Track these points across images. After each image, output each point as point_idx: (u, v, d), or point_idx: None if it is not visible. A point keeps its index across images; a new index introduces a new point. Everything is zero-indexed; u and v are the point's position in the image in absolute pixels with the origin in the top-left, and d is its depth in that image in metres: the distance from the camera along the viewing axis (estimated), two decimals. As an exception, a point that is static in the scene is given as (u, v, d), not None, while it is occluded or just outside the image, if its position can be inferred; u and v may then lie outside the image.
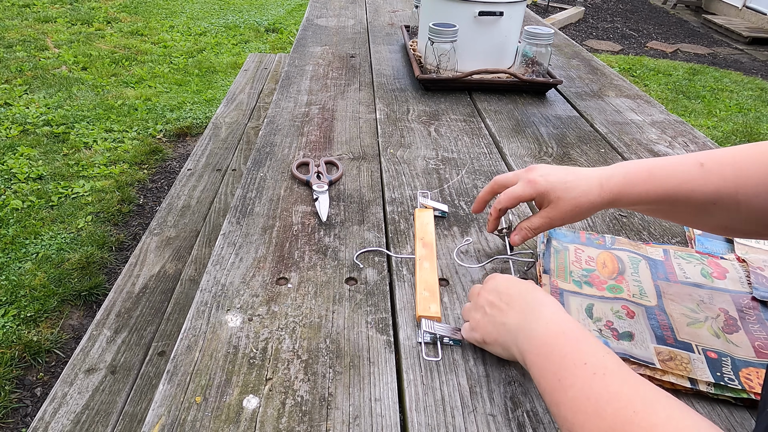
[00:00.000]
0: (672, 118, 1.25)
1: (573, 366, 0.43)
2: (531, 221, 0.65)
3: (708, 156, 0.59)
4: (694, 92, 4.40)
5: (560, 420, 0.42)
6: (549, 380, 0.44)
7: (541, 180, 0.63)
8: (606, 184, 0.61)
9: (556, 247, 0.74)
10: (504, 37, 1.33)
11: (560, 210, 0.62)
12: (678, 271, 0.71)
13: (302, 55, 1.51)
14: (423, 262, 0.71)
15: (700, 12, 7.51)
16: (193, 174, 1.98)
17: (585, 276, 0.70)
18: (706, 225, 0.61)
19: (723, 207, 0.57)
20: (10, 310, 1.78)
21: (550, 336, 0.47)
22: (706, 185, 0.57)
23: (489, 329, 0.55)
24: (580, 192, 0.61)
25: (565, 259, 0.72)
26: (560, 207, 0.62)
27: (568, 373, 0.43)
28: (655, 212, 0.63)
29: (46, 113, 3.14)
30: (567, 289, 0.67)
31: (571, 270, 0.71)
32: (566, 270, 0.71)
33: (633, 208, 0.62)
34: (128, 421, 1.08)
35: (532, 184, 0.63)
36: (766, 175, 0.54)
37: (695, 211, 0.58)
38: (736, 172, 0.56)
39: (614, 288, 0.67)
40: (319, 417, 0.51)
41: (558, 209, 0.62)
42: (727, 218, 0.58)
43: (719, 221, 0.59)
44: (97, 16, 5.16)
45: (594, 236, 0.78)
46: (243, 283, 0.67)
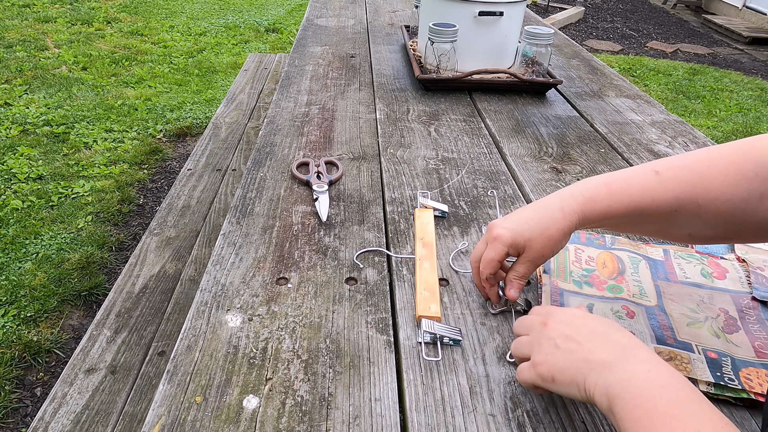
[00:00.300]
0: (672, 118, 1.25)
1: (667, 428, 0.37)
2: (516, 270, 0.62)
3: (662, 164, 0.59)
4: (694, 92, 4.40)
5: None
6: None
7: (504, 233, 0.60)
8: (567, 207, 0.59)
9: None
10: (504, 37, 1.33)
11: (536, 249, 0.60)
12: (678, 271, 0.71)
13: (302, 55, 1.51)
14: (423, 262, 0.71)
15: (700, 12, 7.51)
16: (193, 174, 1.98)
17: (585, 276, 0.70)
18: (673, 234, 0.61)
19: (685, 213, 0.57)
20: (10, 310, 1.78)
21: (653, 387, 0.40)
22: (666, 192, 0.57)
23: (564, 365, 0.47)
24: (546, 224, 0.59)
25: (565, 259, 0.73)
26: (534, 247, 0.60)
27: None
28: (623, 227, 0.62)
29: (46, 113, 3.14)
30: (567, 289, 0.67)
31: (571, 270, 0.71)
32: (566, 270, 0.71)
33: (601, 224, 0.61)
34: (128, 421, 1.08)
35: (498, 241, 0.60)
36: (722, 179, 0.55)
37: (660, 220, 0.58)
38: (693, 177, 0.56)
39: (614, 288, 0.67)
40: (319, 417, 0.51)
41: (533, 249, 0.60)
42: (690, 225, 0.58)
43: (684, 229, 0.58)
44: (97, 16, 5.16)
45: (594, 236, 0.78)
46: (243, 283, 0.67)
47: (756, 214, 0.54)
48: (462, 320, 0.63)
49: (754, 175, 0.53)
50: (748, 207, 0.54)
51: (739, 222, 0.55)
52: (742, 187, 0.54)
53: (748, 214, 0.54)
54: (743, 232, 0.57)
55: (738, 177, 0.54)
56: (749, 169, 0.54)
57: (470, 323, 0.63)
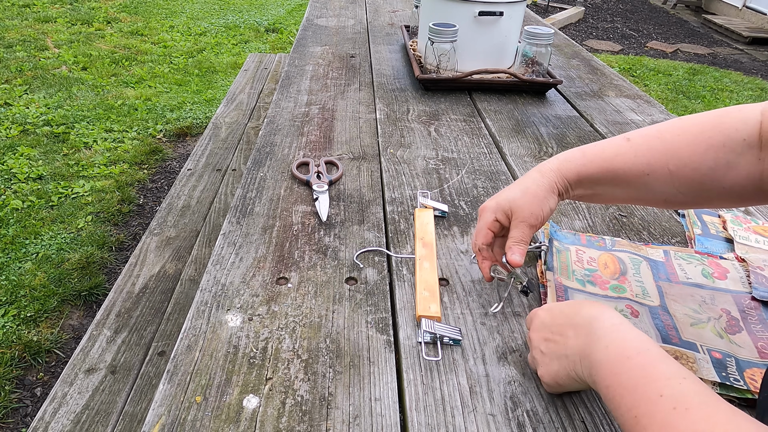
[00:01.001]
0: (672, 118, 1.25)
1: (647, 400, 0.38)
2: (512, 235, 0.63)
3: (634, 133, 0.62)
4: (694, 92, 4.40)
5: None
6: (625, 418, 0.39)
7: (488, 202, 0.65)
8: (543, 168, 0.64)
9: (558, 248, 0.74)
10: (504, 37, 1.33)
11: (522, 208, 0.62)
12: (679, 271, 0.71)
13: (302, 55, 1.51)
14: (423, 262, 0.71)
15: (700, 12, 7.51)
16: (193, 174, 1.98)
17: (588, 275, 0.70)
18: (649, 199, 0.63)
19: (657, 179, 0.59)
20: (10, 310, 1.78)
21: (614, 363, 0.42)
22: (637, 157, 0.60)
23: (554, 368, 0.50)
24: (526, 185, 0.63)
25: (567, 259, 0.73)
26: (520, 205, 0.62)
27: (644, 409, 0.38)
28: (601, 194, 0.64)
29: (46, 113, 3.14)
30: (571, 287, 0.67)
31: (574, 269, 0.71)
32: (569, 269, 0.71)
33: (584, 190, 0.64)
34: (128, 421, 1.08)
35: (484, 211, 0.65)
36: (692, 147, 0.57)
37: (634, 185, 0.61)
38: (663, 144, 0.59)
39: (617, 288, 0.67)
40: (319, 417, 0.51)
41: (520, 209, 0.62)
42: (663, 191, 0.60)
43: (658, 195, 0.61)
44: (97, 16, 5.16)
45: (594, 238, 0.78)
46: (243, 282, 0.67)
47: (723, 181, 0.57)
48: (462, 320, 0.63)
49: (722, 145, 0.56)
50: (715, 175, 0.57)
51: (708, 188, 0.58)
52: (710, 155, 0.56)
53: (716, 182, 0.57)
54: (713, 198, 0.60)
55: (706, 146, 0.57)
56: (718, 140, 0.56)
57: (470, 323, 0.63)
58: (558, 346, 0.50)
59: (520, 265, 0.62)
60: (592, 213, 0.86)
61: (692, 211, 0.86)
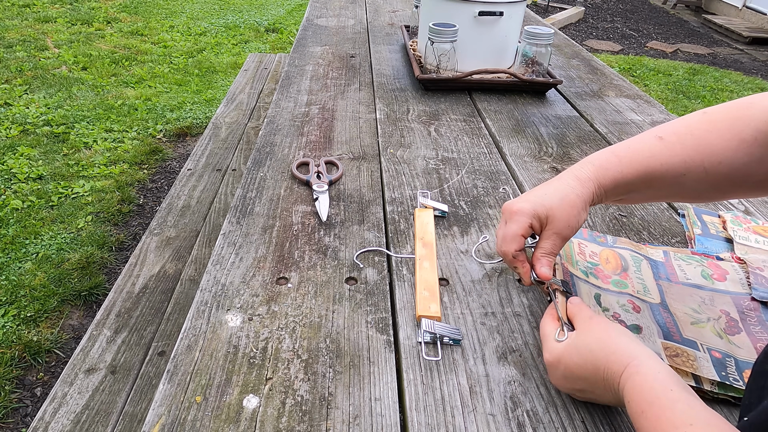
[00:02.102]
0: (672, 118, 1.25)
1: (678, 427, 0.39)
2: (542, 246, 0.60)
3: (664, 129, 0.61)
4: (694, 92, 4.40)
5: None
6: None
7: (525, 205, 0.60)
8: (581, 175, 0.61)
9: None
10: (504, 37, 1.33)
11: (559, 219, 0.59)
12: (679, 272, 0.71)
13: (302, 55, 1.51)
14: (423, 262, 0.71)
15: (700, 12, 7.51)
16: (193, 174, 1.98)
17: (590, 268, 0.70)
18: (683, 196, 0.63)
19: (692, 177, 0.59)
20: (10, 310, 1.78)
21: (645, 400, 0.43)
22: (673, 157, 0.59)
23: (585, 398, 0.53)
24: (564, 192, 0.59)
25: (571, 250, 0.73)
26: (557, 216, 0.59)
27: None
28: (636, 196, 0.64)
29: (46, 113, 3.14)
30: (576, 275, 0.67)
31: (577, 260, 0.71)
32: (573, 259, 0.71)
33: (615, 194, 0.62)
34: (128, 421, 1.08)
35: (519, 214, 0.60)
36: (724, 144, 0.57)
37: (670, 185, 0.60)
38: (696, 141, 0.58)
39: (619, 283, 0.68)
40: (319, 416, 0.51)
41: (557, 219, 0.59)
42: (697, 187, 0.60)
43: (691, 191, 0.61)
44: (97, 16, 5.16)
45: (596, 234, 0.78)
46: (243, 282, 0.67)
47: (756, 175, 0.57)
48: (462, 320, 0.63)
49: (753, 139, 0.56)
50: (748, 170, 0.57)
51: (740, 183, 0.58)
52: (742, 151, 0.56)
53: (749, 176, 0.57)
54: (744, 191, 0.62)
55: (738, 141, 0.56)
56: (748, 134, 0.56)
57: (470, 323, 0.63)
58: (585, 394, 0.52)
59: (549, 278, 0.59)
60: (592, 213, 0.86)
61: (692, 211, 0.86)
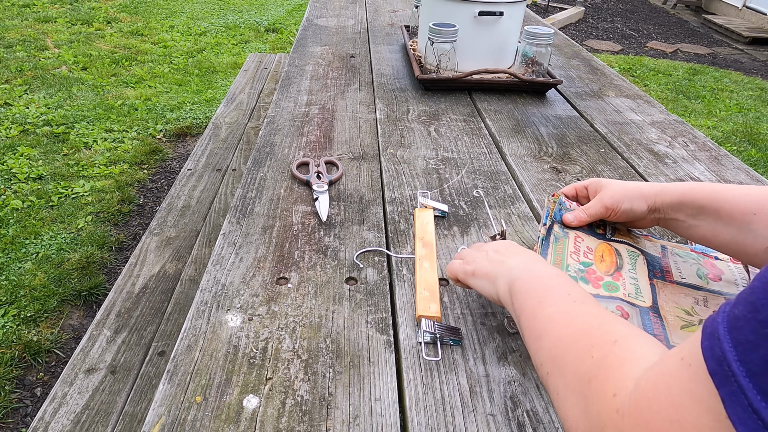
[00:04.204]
0: (672, 118, 1.25)
1: (557, 294, 0.48)
2: (588, 206, 0.69)
3: None
4: (694, 92, 4.40)
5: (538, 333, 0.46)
6: (531, 301, 0.49)
7: (595, 178, 0.72)
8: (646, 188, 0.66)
9: (557, 234, 0.74)
10: (504, 37, 1.33)
11: (608, 190, 0.66)
12: (674, 270, 0.71)
13: (302, 55, 1.51)
14: (423, 262, 0.71)
15: (700, 12, 7.51)
16: (193, 174, 1.98)
17: (581, 271, 0.69)
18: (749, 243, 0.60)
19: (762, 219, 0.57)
20: (10, 310, 1.78)
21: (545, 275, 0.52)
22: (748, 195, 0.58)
23: (484, 264, 0.59)
24: (625, 181, 0.68)
25: (564, 250, 0.72)
26: (608, 188, 0.66)
27: (551, 298, 0.48)
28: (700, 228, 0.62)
29: (46, 113, 3.14)
30: None
31: (568, 264, 0.70)
32: (563, 263, 0.70)
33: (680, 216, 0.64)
34: (128, 421, 1.08)
35: (589, 180, 0.71)
36: None
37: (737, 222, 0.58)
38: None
39: (610, 286, 0.67)
40: (319, 417, 0.51)
41: (606, 190, 0.66)
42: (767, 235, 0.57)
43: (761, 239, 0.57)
44: (97, 16, 5.16)
45: (595, 224, 0.77)
46: (243, 282, 0.67)
47: None
48: (462, 320, 0.63)
49: None
50: None
51: None
52: None
53: None
54: None
55: None
56: None
57: (470, 323, 0.63)
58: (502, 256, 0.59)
59: (567, 222, 0.69)
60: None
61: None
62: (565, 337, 0.43)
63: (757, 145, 3.51)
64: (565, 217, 0.70)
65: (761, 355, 0.25)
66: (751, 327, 0.26)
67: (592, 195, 0.70)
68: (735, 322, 0.27)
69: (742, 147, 3.49)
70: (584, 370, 0.39)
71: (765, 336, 0.25)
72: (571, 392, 0.39)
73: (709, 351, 0.28)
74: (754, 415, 0.24)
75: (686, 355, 0.30)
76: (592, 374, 0.38)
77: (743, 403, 0.25)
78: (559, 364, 0.41)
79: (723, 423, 0.26)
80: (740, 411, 0.25)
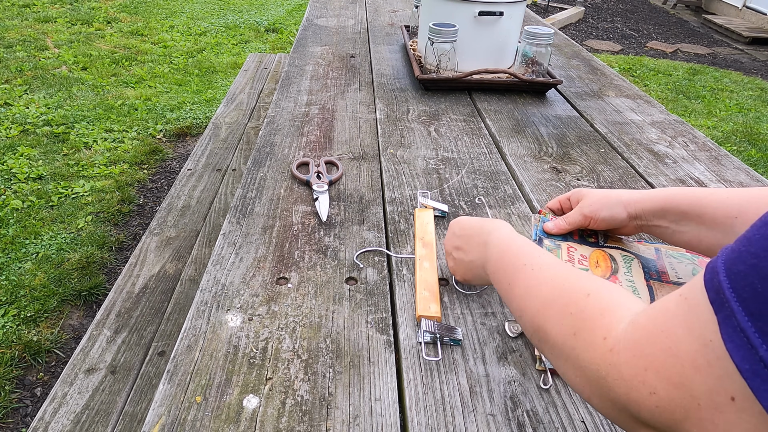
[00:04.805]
0: (672, 118, 1.25)
1: (515, 270, 0.51)
2: (566, 215, 0.70)
3: None
4: (694, 92, 4.40)
5: (516, 313, 0.48)
6: (504, 287, 0.52)
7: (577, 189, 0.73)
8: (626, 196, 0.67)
9: (548, 246, 0.74)
10: (504, 37, 1.33)
11: (590, 198, 0.67)
12: (670, 271, 0.71)
13: (302, 55, 1.51)
14: (423, 262, 0.71)
15: (700, 12, 7.51)
16: (193, 174, 1.98)
17: None
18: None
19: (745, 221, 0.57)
20: (10, 310, 1.78)
21: (499, 258, 0.56)
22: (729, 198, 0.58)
23: (462, 270, 0.63)
24: (610, 190, 0.69)
25: (558, 258, 0.72)
26: (589, 196, 0.68)
27: (513, 277, 0.51)
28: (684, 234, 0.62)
29: (46, 113, 3.14)
30: None
31: None
32: None
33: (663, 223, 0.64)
34: (128, 421, 1.08)
35: (572, 191, 0.73)
36: None
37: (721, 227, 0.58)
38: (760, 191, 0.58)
39: None
40: (319, 417, 0.51)
41: (588, 198, 0.68)
42: None
43: None
44: (97, 16, 5.16)
45: (586, 233, 0.77)
46: (243, 282, 0.67)
47: None
48: (462, 320, 0.63)
49: None
50: None
51: None
52: None
53: None
54: None
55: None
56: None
57: (470, 323, 0.63)
58: (465, 254, 0.62)
59: (547, 230, 0.71)
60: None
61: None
62: (538, 306, 0.45)
63: (757, 145, 3.51)
64: (545, 225, 0.71)
65: (749, 282, 0.28)
66: (742, 259, 0.29)
67: (575, 205, 0.72)
68: (731, 255, 0.30)
69: (742, 147, 3.49)
70: (566, 328, 0.41)
71: (754, 266, 0.28)
72: (559, 353, 0.41)
73: (710, 283, 0.31)
74: (742, 333, 0.27)
75: (684, 292, 0.34)
76: (576, 328, 0.40)
77: (734, 325, 0.28)
78: (542, 333, 0.43)
79: (709, 347, 0.29)
80: (730, 331, 0.28)
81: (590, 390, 0.37)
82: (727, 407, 0.28)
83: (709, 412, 0.29)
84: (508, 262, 0.53)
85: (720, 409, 0.28)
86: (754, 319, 0.27)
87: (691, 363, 0.30)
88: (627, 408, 0.34)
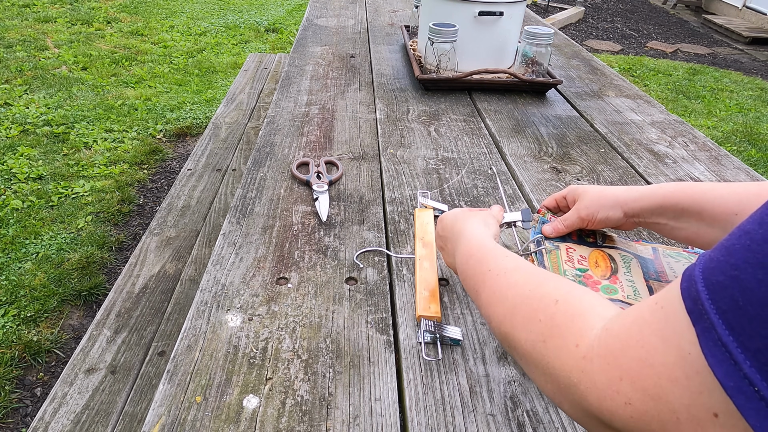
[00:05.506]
0: (672, 118, 1.25)
1: (481, 275, 0.51)
2: (565, 217, 0.70)
3: None
4: (694, 92, 4.40)
5: (486, 318, 0.48)
6: (472, 293, 0.52)
7: (573, 185, 0.72)
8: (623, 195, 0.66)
9: (548, 248, 0.74)
10: (504, 37, 1.33)
11: (587, 198, 0.67)
12: (668, 270, 0.71)
13: (302, 55, 1.51)
14: (423, 262, 0.71)
15: (700, 12, 7.51)
16: (193, 174, 1.98)
17: (578, 276, 0.69)
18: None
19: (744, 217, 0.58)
20: (10, 310, 1.78)
21: (464, 263, 0.56)
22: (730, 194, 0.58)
23: (448, 261, 0.65)
24: (607, 187, 0.68)
25: (558, 259, 0.72)
26: (586, 196, 0.67)
27: (480, 282, 0.51)
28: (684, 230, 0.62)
29: (46, 113, 3.14)
30: None
31: (565, 270, 0.70)
32: (560, 270, 0.70)
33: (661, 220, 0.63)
34: (128, 421, 1.08)
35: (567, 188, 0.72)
36: None
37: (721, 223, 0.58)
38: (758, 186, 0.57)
39: (609, 289, 0.67)
40: (319, 417, 0.51)
41: (584, 198, 0.67)
42: None
43: None
44: (97, 16, 5.16)
45: (584, 233, 0.77)
46: (243, 283, 0.67)
47: None
48: (462, 320, 0.63)
49: None
50: None
51: None
52: None
53: None
54: None
55: None
56: None
57: (470, 323, 0.63)
58: (447, 254, 0.64)
59: (545, 232, 0.71)
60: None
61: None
62: (505, 313, 0.44)
63: (757, 145, 3.51)
64: (543, 227, 0.71)
65: (729, 294, 0.27)
66: (722, 269, 0.28)
67: (571, 204, 0.71)
68: (709, 264, 0.29)
69: (742, 147, 3.49)
70: (535, 335, 0.40)
71: (734, 277, 0.27)
72: (529, 360, 0.40)
73: (686, 291, 0.30)
74: (723, 348, 0.26)
75: (659, 300, 0.32)
76: (546, 335, 0.39)
77: (714, 338, 0.27)
78: (510, 340, 0.43)
79: (687, 360, 0.28)
80: (711, 345, 0.27)
81: (561, 397, 0.37)
82: (708, 423, 0.27)
83: (690, 427, 0.28)
84: (473, 268, 0.53)
85: (702, 424, 0.28)
86: (735, 334, 0.26)
87: (667, 375, 0.29)
88: (599, 417, 0.33)
